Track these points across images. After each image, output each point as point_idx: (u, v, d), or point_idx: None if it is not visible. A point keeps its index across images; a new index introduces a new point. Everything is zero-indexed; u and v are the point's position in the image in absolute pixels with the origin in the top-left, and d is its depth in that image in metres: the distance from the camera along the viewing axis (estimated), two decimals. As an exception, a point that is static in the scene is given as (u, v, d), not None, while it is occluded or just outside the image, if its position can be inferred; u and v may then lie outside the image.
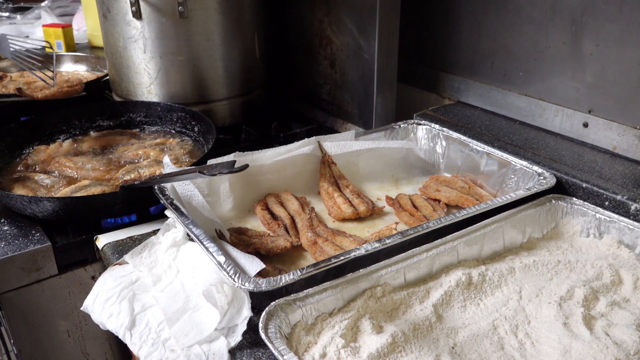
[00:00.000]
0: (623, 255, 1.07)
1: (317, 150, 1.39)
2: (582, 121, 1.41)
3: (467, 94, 1.69)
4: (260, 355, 0.89)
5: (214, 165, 1.14)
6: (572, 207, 1.16)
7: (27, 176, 1.40)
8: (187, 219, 1.06)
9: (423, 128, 1.51)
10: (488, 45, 1.59)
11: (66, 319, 1.30)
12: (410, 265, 0.98)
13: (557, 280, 1.00)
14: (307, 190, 1.38)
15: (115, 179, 1.40)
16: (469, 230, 1.06)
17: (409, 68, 1.82)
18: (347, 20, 1.64)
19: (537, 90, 1.50)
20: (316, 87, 1.86)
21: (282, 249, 1.11)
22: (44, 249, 1.20)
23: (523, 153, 1.35)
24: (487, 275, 1.00)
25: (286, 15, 1.91)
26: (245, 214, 1.31)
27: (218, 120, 1.73)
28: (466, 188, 1.34)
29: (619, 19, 1.27)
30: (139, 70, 1.68)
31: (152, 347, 0.93)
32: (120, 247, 1.19)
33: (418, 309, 0.93)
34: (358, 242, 1.11)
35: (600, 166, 1.29)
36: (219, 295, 0.93)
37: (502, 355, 0.85)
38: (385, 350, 0.82)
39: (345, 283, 0.92)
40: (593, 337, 0.86)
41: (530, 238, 1.14)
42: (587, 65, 1.36)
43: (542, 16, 1.42)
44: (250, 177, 1.32)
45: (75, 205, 1.24)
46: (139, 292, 1.03)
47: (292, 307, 0.86)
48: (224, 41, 1.67)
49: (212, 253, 0.95)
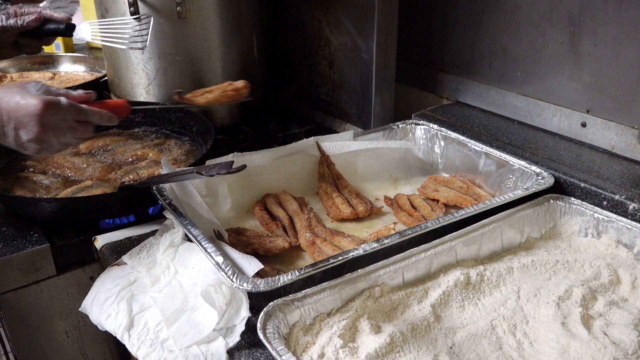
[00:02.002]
0: (621, 255, 1.07)
1: (315, 151, 1.39)
2: (580, 121, 1.41)
3: (465, 94, 1.69)
4: (259, 356, 0.89)
5: (213, 165, 1.14)
6: (571, 206, 1.16)
7: (26, 177, 1.40)
8: (186, 219, 1.06)
9: (421, 128, 1.51)
10: (486, 45, 1.59)
11: (65, 319, 1.30)
12: (409, 266, 0.98)
13: (555, 280, 1.00)
14: (305, 191, 1.38)
15: (114, 179, 1.40)
16: (468, 230, 1.06)
17: (408, 68, 1.82)
18: (345, 20, 1.64)
19: (535, 90, 1.50)
20: (314, 88, 1.86)
21: (281, 249, 1.11)
22: (43, 249, 1.20)
23: (521, 153, 1.35)
24: (485, 275, 1.00)
25: (284, 16, 1.91)
26: (244, 215, 1.31)
27: (216, 121, 1.73)
28: (464, 188, 1.34)
29: (616, 18, 1.27)
30: (137, 71, 1.68)
31: (150, 347, 0.93)
32: (118, 248, 1.19)
33: (416, 309, 0.93)
34: (356, 243, 1.12)
35: (599, 166, 1.29)
36: (217, 295, 0.93)
37: (501, 355, 0.85)
38: (383, 351, 0.82)
39: (343, 283, 0.92)
40: (591, 336, 0.86)
41: (528, 238, 1.14)
42: (585, 65, 1.36)
43: (540, 16, 1.43)
44: (249, 178, 1.32)
45: (73, 206, 1.24)
46: (137, 292, 1.03)
47: (290, 308, 0.86)
48: (222, 41, 1.67)
49: (210, 253, 0.95)
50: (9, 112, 0.97)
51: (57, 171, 1.44)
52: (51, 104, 0.98)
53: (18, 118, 0.97)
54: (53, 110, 0.98)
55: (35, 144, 0.99)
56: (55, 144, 1.01)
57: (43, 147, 1.01)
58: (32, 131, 0.97)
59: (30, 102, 0.97)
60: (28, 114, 0.97)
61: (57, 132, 1.00)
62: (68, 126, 1.01)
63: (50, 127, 0.98)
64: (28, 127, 0.97)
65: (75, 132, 1.03)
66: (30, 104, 0.97)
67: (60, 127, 1.00)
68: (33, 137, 0.98)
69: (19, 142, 0.99)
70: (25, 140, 0.99)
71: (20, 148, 1.01)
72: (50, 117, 0.98)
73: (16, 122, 0.97)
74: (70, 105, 1.01)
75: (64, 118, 1.00)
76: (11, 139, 0.99)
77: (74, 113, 1.02)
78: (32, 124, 0.97)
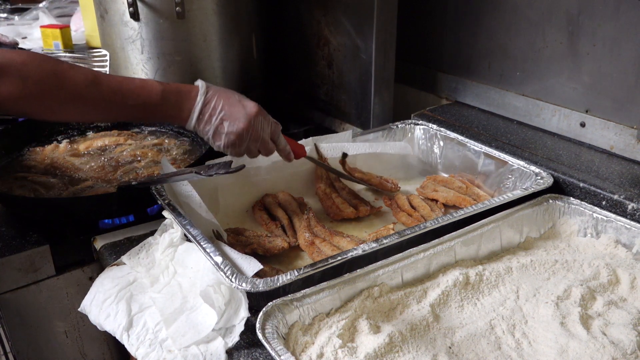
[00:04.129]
0: (620, 255, 1.07)
1: (314, 152, 1.39)
2: (580, 121, 1.41)
3: (464, 94, 1.70)
4: (258, 356, 0.90)
5: (212, 165, 1.14)
6: (570, 206, 1.16)
7: (25, 177, 1.40)
8: (185, 219, 1.06)
9: (421, 128, 1.51)
10: (485, 45, 1.59)
11: (64, 319, 1.30)
12: (408, 265, 0.98)
13: (554, 280, 1.00)
14: (304, 191, 1.38)
15: (113, 179, 1.40)
16: (467, 230, 1.06)
17: (407, 68, 1.82)
18: (344, 20, 1.64)
19: (534, 90, 1.50)
20: (314, 88, 1.86)
21: (280, 249, 1.11)
22: (42, 249, 1.20)
23: (520, 153, 1.35)
24: (484, 275, 1.00)
25: (284, 16, 1.91)
26: (243, 215, 1.31)
27: (216, 121, 1.73)
28: (464, 188, 1.34)
29: (615, 18, 1.27)
30: (137, 71, 1.68)
31: (149, 347, 0.93)
32: (117, 248, 1.19)
33: (415, 309, 0.93)
34: (355, 243, 1.11)
35: (598, 166, 1.29)
36: (216, 295, 0.93)
37: (499, 355, 0.85)
38: (382, 350, 0.82)
39: (342, 283, 0.92)
40: (590, 336, 0.86)
41: (527, 238, 1.14)
42: (584, 65, 1.37)
43: (538, 16, 1.43)
44: (248, 178, 1.32)
45: (73, 206, 1.24)
46: (136, 292, 1.03)
47: (289, 308, 0.86)
48: (221, 42, 1.67)
49: (209, 254, 0.95)
50: (224, 104, 1.10)
51: (57, 171, 1.44)
52: (263, 113, 1.13)
53: (231, 112, 1.09)
54: (262, 118, 1.12)
55: (234, 137, 1.10)
56: (244, 146, 1.12)
57: (235, 144, 1.11)
58: (238, 126, 1.09)
59: (249, 104, 1.11)
60: (242, 110, 1.10)
61: (254, 136, 1.11)
62: (263, 138, 1.13)
63: (253, 129, 1.10)
64: (237, 121, 1.09)
65: (263, 147, 1.15)
66: (249, 105, 1.11)
67: (258, 134, 1.12)
68: (236, 130, 1.09)
69: (219, 130, 1.10)
70: (227, 130, 1.10)
71: (214, 137, 1.11)
72: (258, 122, 1.11)
73: (227, 113, 1.09)
74: (274, 122, 1.16)
75: (265, 129, 1.13)
76: (213, 126, 1.10)
77: (272, 130, 1.15)
78: (242, 120, 1.09)
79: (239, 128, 1.09)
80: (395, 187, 1.38)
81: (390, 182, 1.38)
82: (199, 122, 1.10)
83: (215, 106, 1.09)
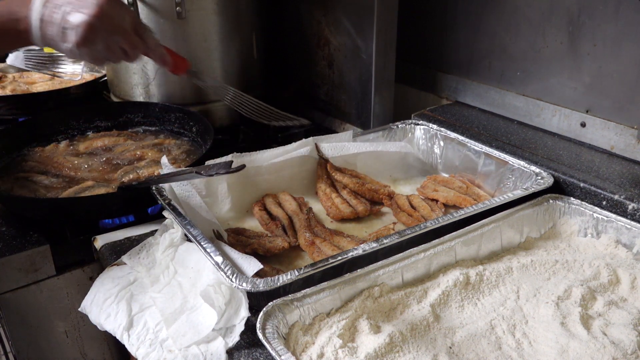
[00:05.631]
0: (620, 255, 1.07)
1: (314, 152, 1.39)
2: (580, 121, 1.41)
3: (464, 94, 1.70)
4: (258, 356, 0.89)
5: (212, 165, 1.14)
6: (570, 206, 1.16)
7: (26, 177, 1.40)
8: (185, 219, 1.06)
9: (421, 128, 1.51)
10: (485, 45, 1.59)
11: (64, 319, 1.30)
12: (408, 265, 0.98)
13: (554, 280, 1.00)
14: (304, 191, 1.38)
15: (114, 179, 1.40)
16: (467, 230, 1.06)
17: (407, 68, 1.82)
18: (344, 20, 1.64)
19: (534, 90, 1.50)
20: (314, 88, 1.86)
21: (280, 249, 1.11)
22: (42, 249, 1.20)
23: (521, 153, 1.35)
24: (484, 275, 1.00)
25: (284, 16, 1.91)
26: (243, 215, 1.31)
27: (216, 121, 1.73)
28: (464, 188, 1.34)
29: (616, 18, 1.27)
30: (137, 71, 1.68)
31: (149, 347, 0.93)
32: (118, 248, 1.19)
33: (415, 309, 0.93)
34: (356, 242, 1.11)
35: (598, 166, 1.29)
36: (216, 295, 0.93)
37: (500, 355, 0.85)
38: (382, 350, 0.82)
39: (342, 283, 0.92)
40: (590, 336, 0.86)
41: (527, 238, 1.14)
42: (584, 65, 1.36)
43: (539, 16, 1.43)
44: (248, 178, 1.32)
45: (73, 206, 1.24)
46: (136, 292, 1.03)
47: (289, 308, 0.86)
48: (221, 42, 1.67)
49: (209, 253, 0.95)
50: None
51: (57, 171, 1.44)
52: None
53: (77, 0, 0.86)
54: (117, 4, 0.89)
55: (82, 29, 0.87)
56: (100, 42, 0.89)
57: (88, 38, 0.88)
58: (87, 13, 0.87)
59: None
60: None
61: (110, 26, 0.89)
62: (123, 28, 0.91)
63: (107, 17, 0.88)
64: (84, 8, 0.86)
65: (126, 41, 0.92)
66: None
67: (114, 22, 0.89)
68: (84, 20, 0.87)
69: (65, 26, 0.87)
70: (74, 23, 0.87)
71: (63, 38, 0.88)
72: (111, 7, 0.88)
73: (71, 2, 0.87)
74: (134, 12, 0.93)
75: (124, 18, 0.91)
76: (57, 24, 0.87)
77: (135, 22, 0.94)
78: (91, 6, 0.86)
79: (88, 16, 0.87)
80: (385, 197, 1.33)
81: (380, 193, 1.34)
82: (43, 27, 0.87)
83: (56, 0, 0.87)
